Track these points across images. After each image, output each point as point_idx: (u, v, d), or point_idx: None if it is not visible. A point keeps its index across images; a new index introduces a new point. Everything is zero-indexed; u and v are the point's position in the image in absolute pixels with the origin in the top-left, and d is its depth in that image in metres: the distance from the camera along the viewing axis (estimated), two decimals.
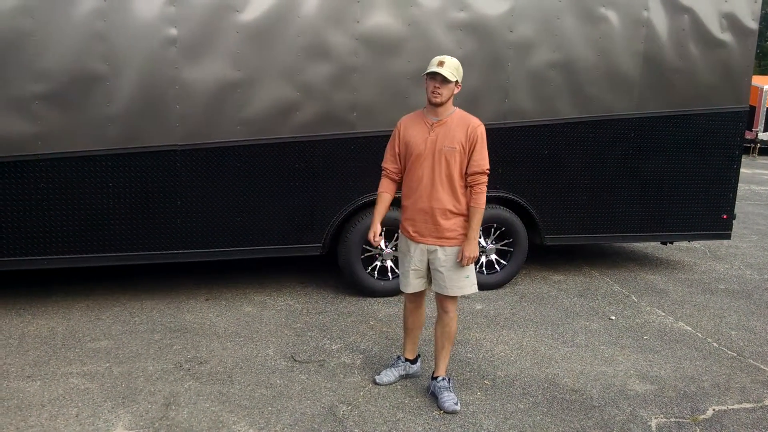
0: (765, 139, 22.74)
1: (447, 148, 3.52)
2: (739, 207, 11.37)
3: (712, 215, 6.53)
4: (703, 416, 3.73)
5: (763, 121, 21.99)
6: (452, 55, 3.90)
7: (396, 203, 3.86)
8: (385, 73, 5.27)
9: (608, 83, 5.92)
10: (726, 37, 6.20)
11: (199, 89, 4.85)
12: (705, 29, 6.13)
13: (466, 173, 3.57)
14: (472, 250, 3.58)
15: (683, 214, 6.41)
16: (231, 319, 4.96)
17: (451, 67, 3.48)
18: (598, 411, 3.73)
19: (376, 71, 5.25)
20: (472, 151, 3.54)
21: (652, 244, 7.98)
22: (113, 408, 3.56)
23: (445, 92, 3.50)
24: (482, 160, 3.57)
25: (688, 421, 3.67)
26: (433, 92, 3.51)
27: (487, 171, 3.59)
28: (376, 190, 5.28)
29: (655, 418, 3.67)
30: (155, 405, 3.61)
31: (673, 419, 3.68)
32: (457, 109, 3.63)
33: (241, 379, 3.95)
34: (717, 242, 8.33)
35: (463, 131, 3.53)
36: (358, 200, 5.37)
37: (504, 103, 5.64)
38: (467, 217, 3.62)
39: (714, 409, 3.82)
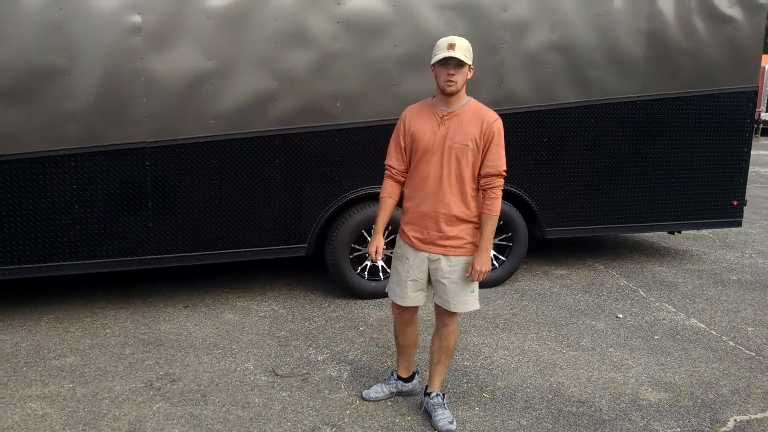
0: (767, 119, 22.33)
1: (458, 144, 3.10)
2: (746, 190, 11.00)
3: (722, 202, 6.18)
4: (723, 428, 3.38)
5: (766, 101, 21.59)
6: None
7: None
8: (370, 60, 4.88)
9: (610, 64, 5.54)
10: (734, 12, 5.81)
11: (168, 81, 4.47)
12: (712, 4, 5.75)
13: (479, 174, 3.16)
14: (484, 264, 3.16)
15: (691, 201, 6.06)
16: (210, 328, 4.61)
17: (463, 49, 3.03)
18: (609, 426, 3.38)
19: (361, 57, 4.86)
20: (487, 150, 3.12)
21: (659, 232, 7.61)
22: None
23: (460, 79, 3.06)
24: (498, 160, 3.14)
25: None
26: (447, 81, 3.05)
27: (504, 173, 3.16)
28: (363, 186, 5.07)
29: None
30: None
31: None
32: (472, 99, 3.19)
33: (216, 399, 3.59)
34: (726, 229, 7.97)
35: (477, 126, 3.10)
36: (344, 197, 5.00)
37: (499, 88, 5.25)
38: (477, 224, 3.20)
39: (735, 420, 3.47)
